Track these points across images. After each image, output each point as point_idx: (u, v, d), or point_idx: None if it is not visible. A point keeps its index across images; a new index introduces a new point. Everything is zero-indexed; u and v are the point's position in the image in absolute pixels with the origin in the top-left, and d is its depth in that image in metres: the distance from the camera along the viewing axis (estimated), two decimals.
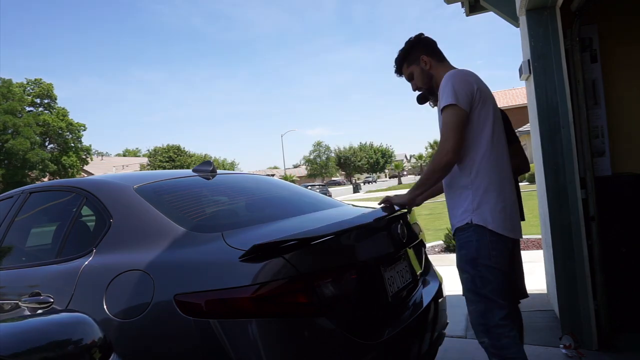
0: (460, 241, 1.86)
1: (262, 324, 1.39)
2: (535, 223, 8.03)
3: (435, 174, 1.82)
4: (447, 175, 1.88)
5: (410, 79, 2.06)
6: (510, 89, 37.21)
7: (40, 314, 1.04)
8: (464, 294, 1.89)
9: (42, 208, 2.43)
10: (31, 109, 34.73)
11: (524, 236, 6.99)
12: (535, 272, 4.61)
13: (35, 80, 35.05)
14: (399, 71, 2.09)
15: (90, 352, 0.84)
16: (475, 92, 1.80)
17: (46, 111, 35.47)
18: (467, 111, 1.78)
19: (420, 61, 1.99)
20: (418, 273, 2.26)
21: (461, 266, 1.87)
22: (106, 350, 0.87)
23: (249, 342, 1.38)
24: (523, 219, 2.45)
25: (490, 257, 1.79)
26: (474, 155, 1.82)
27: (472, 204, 1.82)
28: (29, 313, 1.83)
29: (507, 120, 2.45)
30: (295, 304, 1.44)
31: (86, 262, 1.77)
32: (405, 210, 2.23)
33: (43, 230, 2.46)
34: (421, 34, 2.05)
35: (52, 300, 1.77)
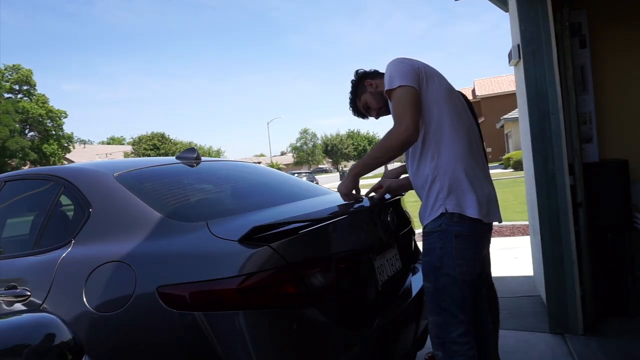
0: (424, 245, 1.74)
1: (249, 316, 1.34)
2: (520, 209, 8.14)
3: (391, 152, 1.69)
4: (412, 167, 1.78)
5: (367, 108, 1.99)
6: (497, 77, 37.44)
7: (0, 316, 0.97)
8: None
9: (19, 197, 2.33)
10: (10, 95, 33.78)
11: (510, 223, 7.07)
12: (522, 258, 4.65)
13: (14, 66, 34.03)
14: (356, 110, 2.03)
15: (58, 355, 0.78)
16: (417, 69, 1.71)
17: (25, 98, 34.54)
18: (418, 89, 1.67)
19: (366, 87, 1.96)
20: (408, 261, 2.23)
21: (424, 274, 1.75)
22: (77, 352, 0.81)
23: (235, 335, 1.34)
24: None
25: (455, 266, 1.65)
26: (433, 137, 1.70)
27: (442, 192, 1.68)
28: (5, 307, 1.75)
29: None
30: (283, 295, 1.40)
31: (64, 254, 1.69)
32: (397, 197, 2.20)
33: (19, 220, 2.36)
34: (357, 70, 2.02)
35: (28, 293, 1.70)
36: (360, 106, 2.00)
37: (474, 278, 1.70)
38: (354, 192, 1.85)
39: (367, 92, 1.96)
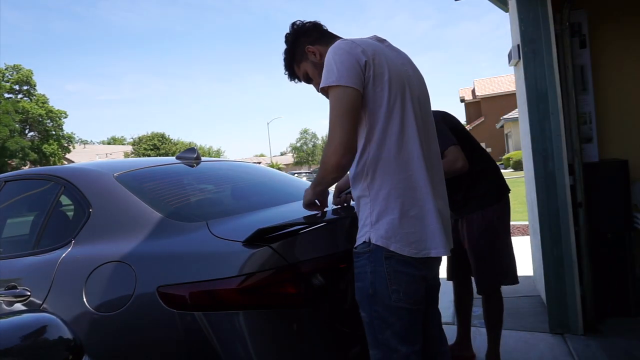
0: (356, 270, 1.42)
1: (249, 316, 1.35)
2: (520, 209, 8.13)
3: (329, 176, 1.41)
4: (345, 175, 1.45)
5: (307, 79, 1.62)
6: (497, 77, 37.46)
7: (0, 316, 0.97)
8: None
9: (19, 197, 2.34)
10: (10, 95, 33.79)
11: (510, 223, 7.09)
12: (521, 258, 4.65)
13: (15, 66, 34.05)
14: (292, 76, 1.66)
15: (58, 355, 0.78)
16: (364, 65, 1.34)
17: (25, 98, 34.55)
18: (360, 90, 1.33)
19: (307, 54, 1.57)
20: None
21: (358, 301, 1.42)
22: (77, 352, 0.81)
23: (235, 335, 1.34)
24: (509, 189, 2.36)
25: (390, 295, 1.34)
26: (370, 149, 1.36)
27: (370, 217, 1.37)
28: (5, 307, 1.76)
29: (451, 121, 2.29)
30: (283, 295, 1.40)
31: (64, 254, 1.70)
32: None
33: (19, 220, 2.37)
34: (294, 24, 1.60)
35: (28, 293, 1.70)
36: (300, 75, 1.63)
37: (418, 304, 1.40)
38: (317, 203, 1.62)
39: (308, 61, 1.58)
